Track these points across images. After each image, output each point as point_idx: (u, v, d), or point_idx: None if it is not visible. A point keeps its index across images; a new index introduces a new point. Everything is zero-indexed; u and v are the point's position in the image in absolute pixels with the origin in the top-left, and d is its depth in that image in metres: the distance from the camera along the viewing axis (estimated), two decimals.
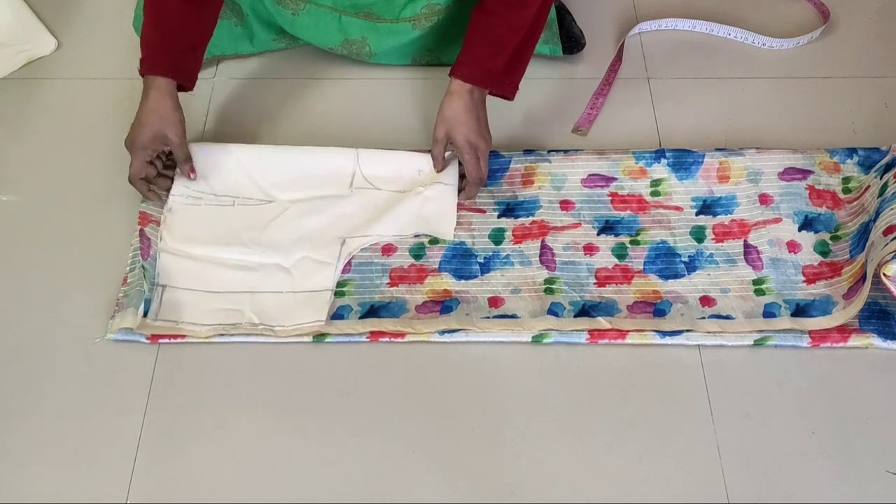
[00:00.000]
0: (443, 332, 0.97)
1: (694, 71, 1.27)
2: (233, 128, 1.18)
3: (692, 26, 1.32)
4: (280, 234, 1.06)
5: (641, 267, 1.04)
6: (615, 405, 0.94)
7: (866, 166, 1.11)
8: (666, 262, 1.04)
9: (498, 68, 1.06)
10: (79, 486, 0.88)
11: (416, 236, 1.06)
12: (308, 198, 1.09)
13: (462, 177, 1.10)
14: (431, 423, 0.93)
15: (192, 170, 1.08)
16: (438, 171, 1.09)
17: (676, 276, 1.03)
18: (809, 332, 0.97)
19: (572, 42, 1.25)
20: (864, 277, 0.98)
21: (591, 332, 0.97)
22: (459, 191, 1.09)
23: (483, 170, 1.07)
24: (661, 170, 1.11)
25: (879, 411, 0.94)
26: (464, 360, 0.97)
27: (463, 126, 1.05)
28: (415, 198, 1.08)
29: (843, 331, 0.97)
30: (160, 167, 1.08)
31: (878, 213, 1.01)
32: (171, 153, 1.07)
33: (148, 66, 1.03)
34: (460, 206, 1.08)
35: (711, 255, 1.05)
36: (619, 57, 1.27)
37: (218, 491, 0.88)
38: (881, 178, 1.05)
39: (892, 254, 0.93)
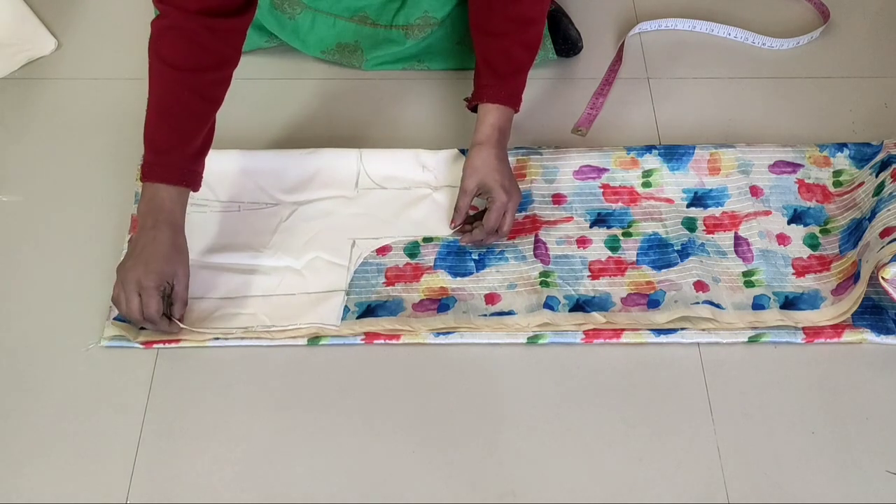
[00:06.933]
0: (438, 334, 0.97)
1: (694, 71, 1.27)
2: (232, 128, 1.17)
3: (692, 26, 1.32)
4: (289, 237, 1.06)
5: (634, 258, 1.04)
6: (615, 405, 0.94)
7: (858, 159, 1.11)
8: (659, 252, 1.05)
9: (521, 87, 1.04)
10: (78, 487, 0.88)
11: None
12: (314, 200, 1.09)
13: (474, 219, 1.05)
14: (431, 422, 0.93)
15: (182, 318, 0.95)
16: (455, 226, 1.04)
17: (669, 265, 1.03)
18: (803, 329, 0.97)
19: (569, 45, 1.25)
20: (855, 276, 0.98)
21: (586, 332, 0.97)
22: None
23: (508, 223, 1.01)
24: (652, 160, 1.12)
25: (878, 410, 0.93)
26: (462, 360, 0.97)
27: (497, 173, 1.00)
28: (423, 200, 1.09)
29: (837, 326, 0.98)
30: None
31: (873, 213, 1.01)
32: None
33: (159, 174, 0.92)
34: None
35: (703, 244, 1.05)
36: (619, 57, 1.26)
37: (217, 491, 0.88)
38: (876, 177, 1.05)
39: (892, 255, 0.93)
